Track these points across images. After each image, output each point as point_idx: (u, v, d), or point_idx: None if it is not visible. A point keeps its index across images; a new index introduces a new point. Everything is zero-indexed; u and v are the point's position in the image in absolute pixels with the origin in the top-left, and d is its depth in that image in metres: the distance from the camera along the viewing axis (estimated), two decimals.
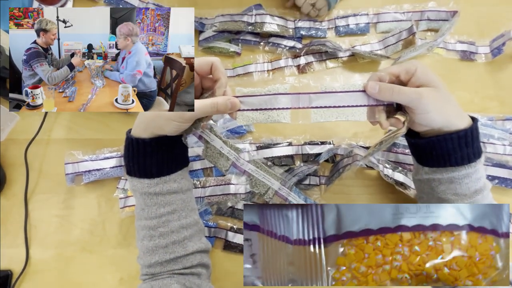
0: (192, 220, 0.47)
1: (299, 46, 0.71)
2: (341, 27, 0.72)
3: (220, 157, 0.51)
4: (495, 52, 0.68)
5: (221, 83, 0.42)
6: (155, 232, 0.44)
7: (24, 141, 0.66)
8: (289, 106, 0.42)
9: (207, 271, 0.49)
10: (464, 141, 0.41)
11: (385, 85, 0.40)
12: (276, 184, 0.57)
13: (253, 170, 0.56)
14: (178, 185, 0.45)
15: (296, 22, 0.73)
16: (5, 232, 0.63)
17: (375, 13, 0.72)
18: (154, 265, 0.44)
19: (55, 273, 0.61)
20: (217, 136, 0.51)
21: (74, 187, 0.64)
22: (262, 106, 0.42)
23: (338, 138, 0.65)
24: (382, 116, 0.43)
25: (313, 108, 0.42)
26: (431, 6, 0.72)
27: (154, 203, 0.44)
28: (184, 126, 0.41)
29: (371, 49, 0.71)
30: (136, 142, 0.42)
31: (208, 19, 0.73)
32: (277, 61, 0.71)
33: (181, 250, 0.45)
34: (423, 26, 0.71)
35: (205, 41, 0.72)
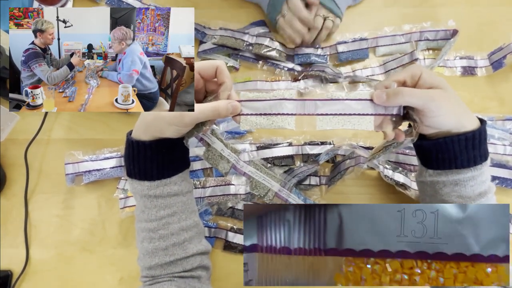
0: (192, 222, 0.47)
1: (298, 69, 0.69)
2: (342, 54, 0.70)
3: (221, 160, 0.51)
4: (495, 65, 0.68)
5: (226, 87, 0.41)
6: (155, 235, 0.44)
7: (24, 141, 0.66)
8: (294, 112, 0.41)
9: (207, 273, 0.49)
10: (472, 143, 0.40)
11: (393, 90, 0.39)
12: (276, 185, 0.57)
13: (253, 172, 0.55)
14: (178, 188, 0.45)
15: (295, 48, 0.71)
16: (5, 232, 0.63)
17: (374, 37, 0.71)
18: (154, 267, 0.44)
19: (55, 273, 0.61)
20: (218, 138, 0.50)
21: (74, 187, 0.64)
22: (267, 111, 0.41)
23: (339, 138, 0.65)
24: (388, 127, 0.41)
25: (319, 115, 0.40)
26: (429, 27, 0.70)
27: (154, 206, 0.44)
28: (184, 130, 0.41)
29: (372, 73, 0.69)
30: (136, 145, 0.41)
31: (211, 30, 0.72)
32: (277, 82, 0.69)
33: (181, 252, 0.44)
34: (422, 46, 0.70)
35: (203, 53, 0.71)
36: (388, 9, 0.74)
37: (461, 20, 0.71)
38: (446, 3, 0.74)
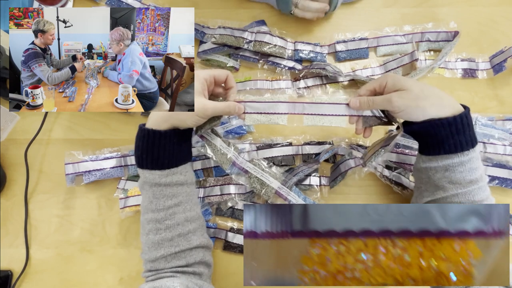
0: (196, 214, 0.50)
1: (299, 67, 0.69)
2: (341, 53, 0.70)
3: (221, 155, 0.55)
4: (496, 68, 0.68)
5: (234, 90, 0.53)
6: (162, 225, 0.47)
7: (24, 141, 0.66)
8: (286, 111, 0.52)
9: (208, 270, 0.50)
10: (455, 128, 0.45)
11: (363, 99, 0.50)
12: (276, 183, 0.57)
13: (251, 168, 0.57)
14: (184, 177, 0.49)
15: (295, 44, 0.71)
16: (5, 232, 0.63)
17: (374, 37, 0.71)
18: (159, 260, 0.46)
19: (55, 273, 0.61)
20: (217, 135, 0.56)
21: (74, 187, 0.64)
22: (266, 110, 0.52)
23: (338, 138, 0.65)
24: (359, 124, 0.52)
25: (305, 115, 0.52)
26: (431, 28, 0.70)
27: (163, 195, 0.47)
28: (202, 120, 0.48)
29: (372, 73, 0.69)
30: (152, 134, 0.46)
31: (210, 29, 0.72)
32: (277, 81, 0.69)
33: (186, 243, 0.47)
34: (424, 47, 0.70)
35: (203, 53, 0.71)
36: (388, 9, 0.74)
37: (461, 20, 0.71)
38: (446, 3, 0.74)
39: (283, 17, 0.74)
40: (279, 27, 0.73)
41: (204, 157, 0.63)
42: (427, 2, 0.74)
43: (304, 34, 0.73)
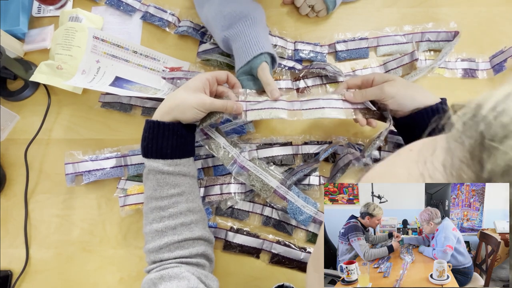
0: (198, 206, 0.52)
1: (299, 67, 0.69)
2: (341, 53, 0.70)
3: (224, 153, 0.58)
4: (496, 68, 0.68)
5: (238, 85, 0.58)
6: (165, 213, 0.49)
7: (24, 141, 0.66)
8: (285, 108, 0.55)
9: (210, 265, 0.51)
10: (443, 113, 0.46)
11: (356, 91, 0.56)
12: (274, 182, 0.57)
13: (251, 166, 0.58)
14: (187, 169, 0.52)
15: (295, 43, 0.71)
16: (5, 232, 0.63)
17: (374, 37, 0.70)
18: (163, 249, 0.48)
19: (55, 273, 0.61)
20: (220, 134, 0.59)
21: (74, 187, 0.64)
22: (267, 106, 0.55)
23: (339, 138, 0.65)
24: (358, 115, 0.56)
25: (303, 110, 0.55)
26: (431, 28, 0.70)
27: (166, 183, 0.50)
28: (201, 114, 0.52)
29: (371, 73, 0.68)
30: (157, 124, 0.50)
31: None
32: (278, 81, 0.69)
33: (188, 233, 0.49)
34: (424, 47, 0.70)
35: (203, 53, 0.70)
36: (388, 9, 0.74)
37: (461, 20, 0.71)
38: (446, 3, 0.74)
39: (283, 17, 0.74)
40: (279, 27, 0.73)
41: (205, 156, 0.64)
42: (427, 2, 0.74)
43: (304, 34, 0.73)
